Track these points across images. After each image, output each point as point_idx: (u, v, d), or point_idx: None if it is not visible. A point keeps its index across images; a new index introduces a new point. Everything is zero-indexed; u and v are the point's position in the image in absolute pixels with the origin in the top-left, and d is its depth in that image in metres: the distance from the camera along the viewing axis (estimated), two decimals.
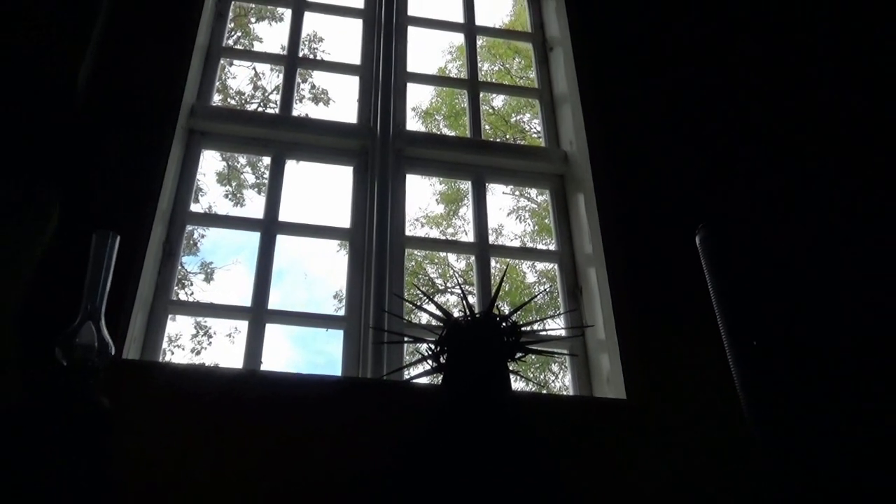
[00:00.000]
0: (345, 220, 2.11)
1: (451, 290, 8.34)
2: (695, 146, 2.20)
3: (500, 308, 1.94)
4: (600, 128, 2.17)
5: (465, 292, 1.80)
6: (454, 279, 8.44)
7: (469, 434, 1.32)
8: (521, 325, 1.49)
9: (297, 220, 2.08)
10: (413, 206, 9.42)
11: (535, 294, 7.65)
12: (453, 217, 9.23)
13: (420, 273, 8.41)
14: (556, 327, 2.16)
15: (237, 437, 1.50)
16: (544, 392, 7.14)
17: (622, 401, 1.74)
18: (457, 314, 1.53)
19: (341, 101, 8.91)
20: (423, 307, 1.69)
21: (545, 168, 2.30)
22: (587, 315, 2.00)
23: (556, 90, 2.45)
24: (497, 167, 2.30)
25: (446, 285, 8.49)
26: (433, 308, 1.55)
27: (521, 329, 1.48)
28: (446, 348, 1.45)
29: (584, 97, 2.23)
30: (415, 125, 8.90)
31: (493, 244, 2.21)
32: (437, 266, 8.71)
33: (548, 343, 1.81)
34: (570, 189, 2.24)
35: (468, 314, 1.50)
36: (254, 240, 2.01)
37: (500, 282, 1.70)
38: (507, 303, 7.27)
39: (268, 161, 2.21)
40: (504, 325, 1.47)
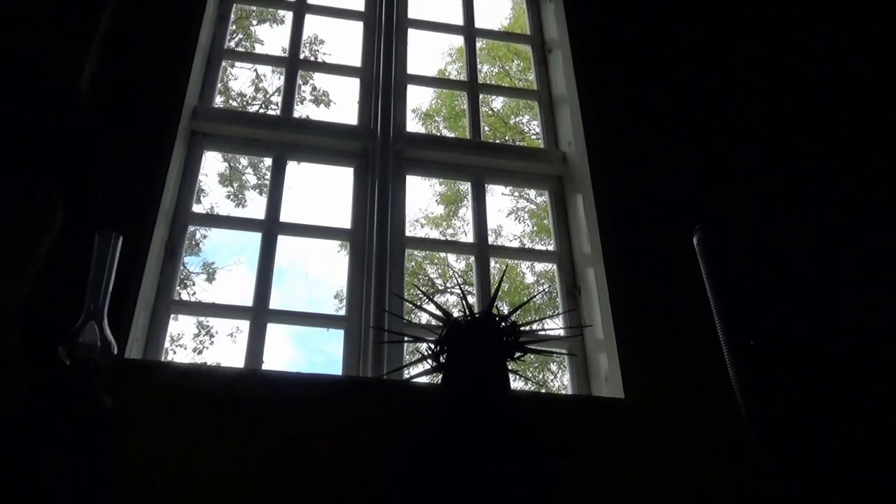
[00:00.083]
0: (345, 220, 2.11)
1: (450, 290, 8.34)
2: (693, 147, 2.20)
3: (499, 308, 1.94)
4: (599, 129, 2.17)
5: (464, 292, 1.80)
6: (454, 279, 8.44)
7: (469, 433, 1.32)
8: (520, 324, 1.49)
9: (298, 221, 2.09)
10: (413, 207, 9.43)
11: (534, 294, 7.65)
12: (453, 218, 9.24)
13: (420, 273, 8.41)
14: (554, 327, 2.16)
15: (239, 436, 1.50)
16: (543, 391, 7.14)
17: (620, 400, 1.74)
18: (456, 314, 1.53)
19: (342, 103, 8.92)
20: (423, 307, 1.68)
21: (544, 169, 2.30)
22: (586, 315, 2.00)
23: (555, 92, 2.45)
24: (496, 168, 2.30)
25: (446, 285, 8.50)
26: (433, 308, 1.55)
27: (521, 329, 1.48)
28: (446, 348, 1.45)
29: (583, 99, 2.23)
30: (415, 127, 8.91)
31: (492, 245, 2.21)
32: (437, 266, 8.71)
33: (547, 343, 1.81)
34: (568, 190, 2.24)
35: (468, 314, 1.50)
36: (255, 240, 2.01)
37: (499, 282, 1.70)
38: (507, 303, 7.28)
39: (269, 162, 2.20)
40: (503, 324, 1.47)
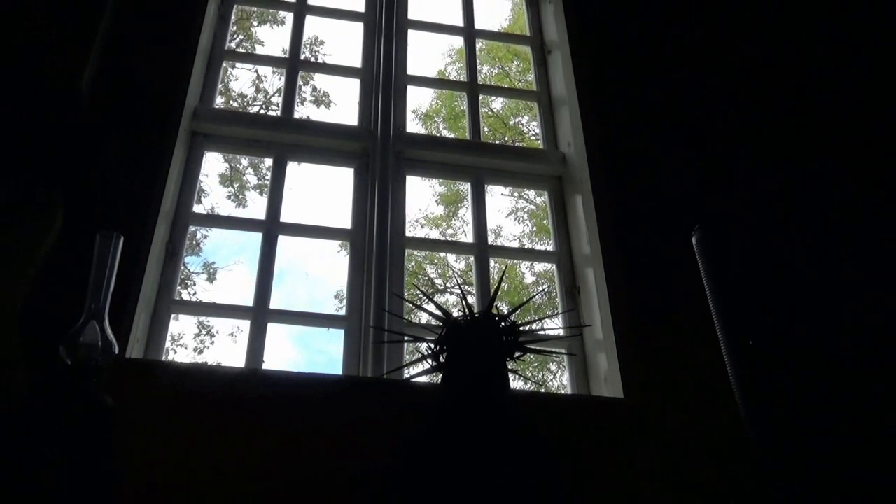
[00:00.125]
0: (345, 220, 2.11)
1: (450, 290, 8.34)
2: (692, 147, 2.20)
3: (498, 308, 1.93)
4: (598, 130, 2.17)
5: (464, 292, 1.80)
6: (454, 279, 8.44)
7: (468, 432, 1.32)
8: (519, 324, 1.49)
9: (298, 221, 2.09)
10: (413, 208, 9.43)
11: (534, 294, 7.65)
12: (453, 218, 9.24)
13: (420, 273, 8.41)
14: (554, 327, 2.16)
15: (239, 435, 1.50)
16: (543, 391, 7.14)
17: (619, 399, 1.74)
18: (456, 314, 1.53)
19: (342, 104, 8.92)
20: (423, 307, 1.68)
21: (543, 169, 2.30)
22: (585, 315, 2.00)
23: (555, 93, 2.45)
24: (496, 169, 2.30)
25: (446, 285, 8.49)
26: (433, 308, 1.55)
27: (520, 329, 1.48)
28: (446, 347, 1.45)
29: (582, 99, 2.23)
30: (415, 127, 8.91)
31: (492, 245, 2.20)
32: (437, 266, 8.71)
33: (546, 342, 1.81)
34: (568, 190, 2.24)
35: (467, 314, 1.50)
36: (256, 240, 2.01)
37: (498, 282, 1.70)
38: (506, 303, 7.28)
39: (269, 163, 2.20)
40: (503, 324, 1.47)
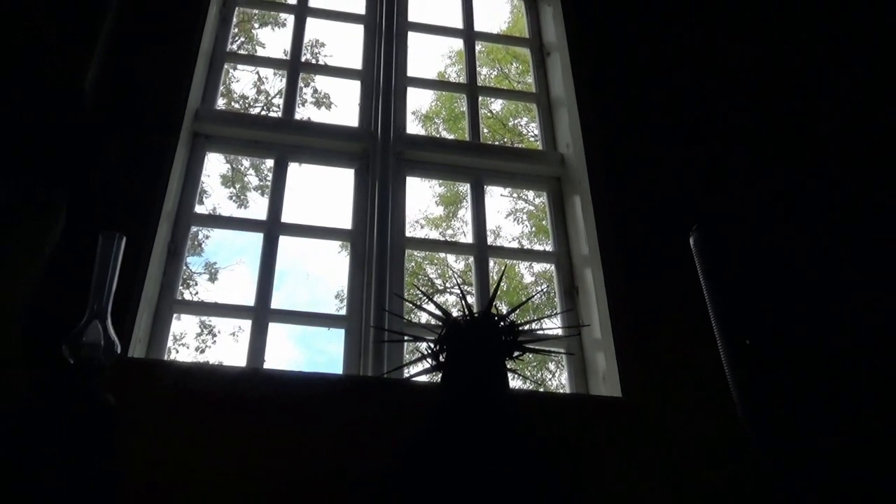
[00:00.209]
0: (346, 221, 2.11)
1: (450, 290, 8.34)
2: (690, 148, 2.20)
3: (498, 308, 1.93)
4: (596, 131, 2.17)
5: (463, 292, 1.80)
6: (453, 279, 8.44)
7: (468, 431, 1.32)
8: (518, 324, 1.49)
9: (299, 222, 2.08)
10: (413, 208, 9.44)
11: (533, 294, 7.65)
12: (452, 219, 9.25)
13: (420, 273, 8.41)
14: (553, 326, 2.15)
15: (241, 434, 1.50)
16: (541, 390, 7.14)
17: (618, 399, 1.74)
18: (456, 314, 1.53)
19: (343, 105, 8.93)
20: (423, 307, 1.68)
21: (542, 170, 2.30)
22: (583, 314, 2.00)
23: (553, 94, 2.45)
24: (495, 170, 2.30)
25: (445, 285, 8.49)
26: (433, 308, 1.55)
27: (519, 328, 1.48)
28: (445, 347, 1.45)
29: (581, 101, 2.23)
30: (415, 128, 8.91)
31: (491, 245, 2.20)
32: (437, 266, 8.72)
33: (545, 342, 1.81)
34: (566, 191, 2.24)
35: (467, 314, 1.50)
36: (257, 241, 2.01)
37: (498, 282, 1.70)
38: (506, 303, 7.28)
39: (271, 164, 2.20)
40: (502, 324, 1.47)
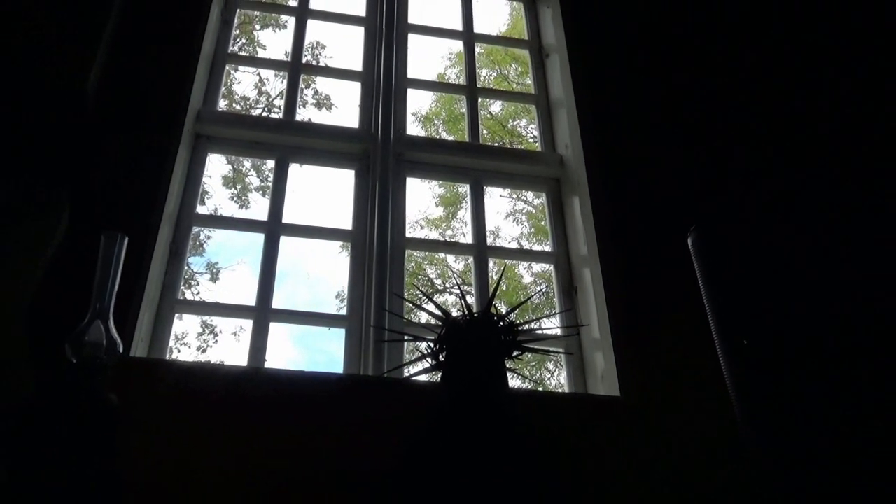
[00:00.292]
0: (347, 222, 2.11)
1: (449, 290, 8.34)
2: (688, 149, 2.20)
3: (497, 308, 1.93)
4: (595, 132, 2.17)
5: (463, 292, 1.80)
6: (453, 280, 8.44)
7: (467, 429, 1.32)
8: (517, 324, 1.49)
9: (300, 222, 2.08)
10: (413, 209, 9.44)
11: (532, 294, 7.65)
12: (452, 219, 9.24)
13: (420, 273, 8.41)
14: (551, 326, 2.15)
15: (242, 433, 1.50)
16: (540, 389, 7.14)
17: (616, 398, 1.73)
18: (455, 314, 1.53)
19: (343, 107, 8.93)
20: (423, 307, 1.68)
21: (541, 171, 2.30)
22: (582, 314, 2.00)
23: (552, 95, 2.44)
24: (495, 171, 2.30)
25: (445, 285, 8.49)
26: (432, 307, 1.55)
27: (518, 328, 1.48)
28: (445, 346, 1.45)
29: (580, 102, 2.23)
30: (415, 130, 8.91)
31: (490, 246, 2.20)
32: (437, 267, 8.71)
33: (544, 342, 1.81)
34: (565, 192, 2.24)
35: (466, 314, 1.50)
36: (258, 241, 2.01)
37: (497, 282, 1.70)
38: (505, 302, 7.27)
39: (272, 164, 2.20)
40: (501, 324, 1.47)
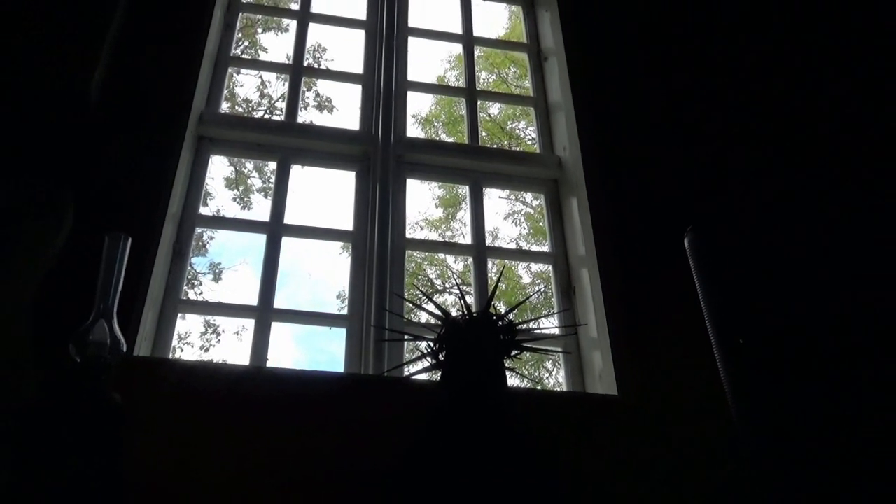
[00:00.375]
0: (347, 223, 2.11)
1: (449, 290, 8.34)
2: (685, 151, 2.20)
3: (496, 307, 1.93)
4: (593, 134, 2.17)
5: (462, 292, 1.80)
6: (452, 280, 8.44)
7: (466, 428, 1.32)
8: (516, 323, 1.49)
9: (301, 223, 2.09)
10: (413, 210, 9.45)
11: (531, 294, 7.65)
12: (451, 220, 9.25)
13: (420, 274, 8.41)
14: (550, 326, 2.15)
15: (244, 431, 1.50)
16: (539, 388, 7.14)
17: (614, 397, 1.74)
18: (455, 313, 1.53)
19: (344, 109, 8.93)
20: (423, 307, 1.68)
21: (540, 173, 2.30)
22: (580, 314, 2.00)
23: (551, 98, 2.45)
24: (494, 172, 2.30)
25: (445, 286, 8.49)
26: (432, 307, 1.55)
27: (517, 328, 1.48)
28: (445, 346, 1.45)
29: (578, 104, 2.23)
30: (415, 132, 8.91)
31: (489, 246, 2.20)
32: (436, 267, 8.72)
33: (542, 341, 1.80)
34: (563, 193, 2.24)
35: (466, 313, 1.50)
36: (260, 241, 2.01)
37: (496, 282, 1.70)
38: (504, 302, 7.28)
39: (274, 166, 2.20)
40: (500, 323, 1.47)
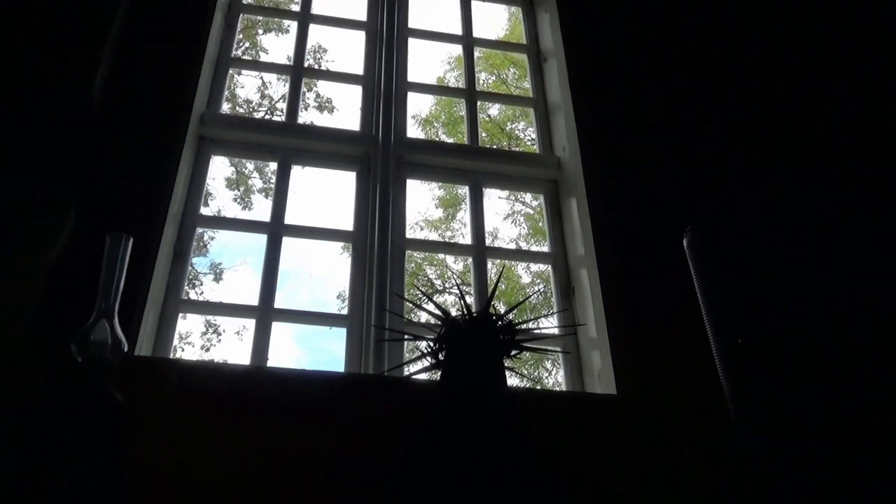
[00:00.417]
0: (348, 223, 2.11)
1: (449, 290, 8.34)
2: (683, 152, 2.20)
3: (496, 307, 1.94)
4: (592, 135, 2.17)
5: (462, 292, 1.80)
6: (452, 280, 8.44)
7: (466, 427, 1.32)
8: (516, 323, 1.49)
9: (302, 224, 2.09)
10: (413, 211, 9.44)
11: (530, 294, 7.65)
12: (451, 221, 9.25)
13: (420, 274, 8.41)
14: (549, 326, 2.16)
15: (244, 430, 1.50)
16: (538, 388, 7.14)
17: (612, 396, 1.74)
18: (455, 313, 1.53)
19: (345, 110, 8.93)
20: (423, 306, 1.68)
21: (539, 173, 2.30)
22: (579, 314, 2.00)
23: (550, 99, 2.45)
24: (493, 173, 2.30)
25: (445, 286, 8.49)
26: (432, 307, 1.55)
27: (516, 327, 1.48)
28: (445, 346, 1.45)
29: (577, 105, 2.23)
30: (415, 132, 8.91)
31: (489, 246, 2.20)
32: (436, 267, 8.71)
33: (542, 341, 1.80)
34: (563, 193, 2.24)
35: (466, 313, 1.50)
36: (261, 242, 2.01)
37: (496, 282, 1.70)
38: (503, 302, 7.28)
39: (274, 166, 2.20)
40: (500, 323, 1.47)
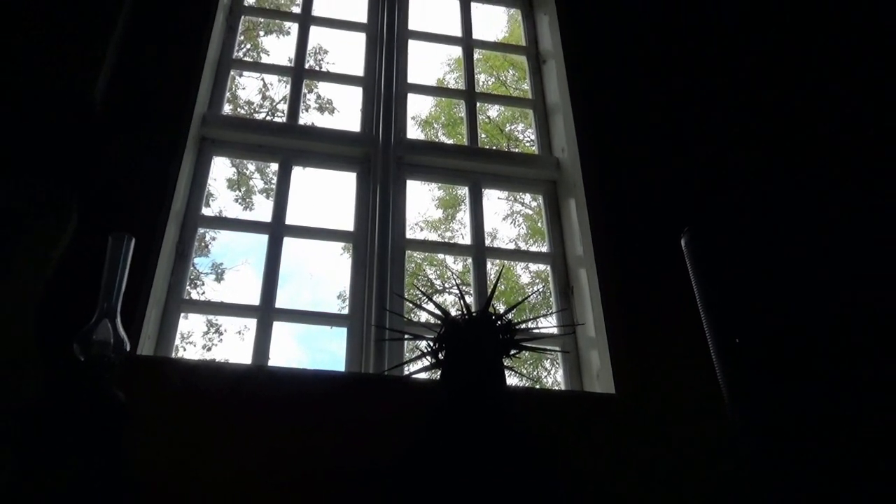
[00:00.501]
0: (348, 223, 2.11)
1: (449, 290, 8.34)
2: (682, 152, 2.20)
3: (495, 307, 1.93)
4: (591, 136, 2.17)
5: (462, 292, 1.80)
6: (452, 280, 8.44)
7: (466, 426, 1.32)
8: (515, 323, 1.49)
9: (303, 224, 2.09)
10: (413, 211, 9.45)
11: (529, 294, 7.66)
12: (451, 221, 9.25)
13: (420, 274, 8.41)
14: (548, 325, 2.15)
15: (246, 429, 1.50)
16: (537, 387, 7.14)
17: (611, 395, 1.74)
18: (455, 313, 1.53)
19: (345, 111, 8.93)
20: (423, 306, 1.68)
21: (538, 174, 2.30)
22: (578, 313, 2.00)
23: (549, 100, 2.45)
24: (493, 173, 2.30)
25: (444, 286, 8.49)
26: (432, 307, 1.55)
27: (516, 327, 1.48)
28: (444, 345, 1.45)
29: (576, 107, 2.23)
30: (415, 133, 8.92)
31: (488, 247, 2.20)
32: (436, 267, 8.71)
33: (541, 340, 1.80)
34: (562, 194, 2.24)
35: (465, 313, 1.50)
36: (262, 242, 2.01)
37: (495, 282, 1.70)
38: (503, 302, 7.28)
39: (275, 167, 2.20)
40: (499, 323, 1.47)
